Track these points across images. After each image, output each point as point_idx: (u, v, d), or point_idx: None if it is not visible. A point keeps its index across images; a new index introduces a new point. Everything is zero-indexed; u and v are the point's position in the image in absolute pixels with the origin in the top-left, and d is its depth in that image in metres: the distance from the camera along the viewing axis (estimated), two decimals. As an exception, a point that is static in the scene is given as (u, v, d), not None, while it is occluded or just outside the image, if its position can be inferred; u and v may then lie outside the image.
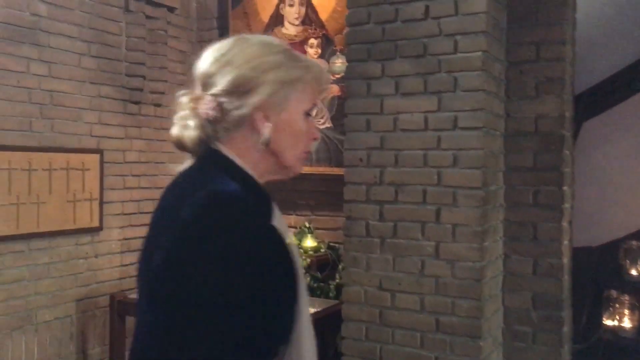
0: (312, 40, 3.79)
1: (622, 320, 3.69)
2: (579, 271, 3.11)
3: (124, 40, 3.93)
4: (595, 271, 3.77)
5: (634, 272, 3.77)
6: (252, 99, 1.14)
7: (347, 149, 2.94)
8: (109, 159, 3.86)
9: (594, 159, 3.87)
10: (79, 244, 3.68)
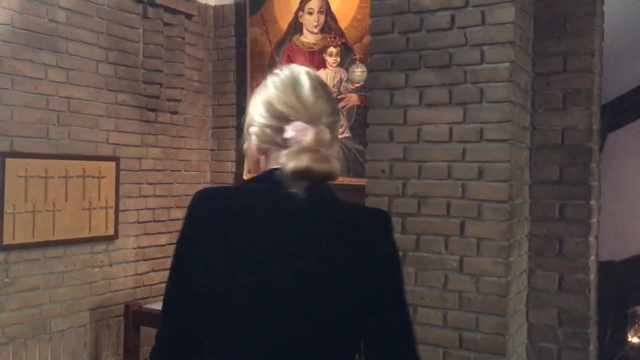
0: (332, 49, 3.73)
1: (647, 338, 3.62)
2: (601, 286, 3.04)
3: (141, 47, 3.90)
4: (619, 286, 3.69)
5: (658, 288, 3.70)
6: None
7: (369, 160, 2.89)
8: (125, 166, 3.82)
9: (617, 171, 3.80)
10: (94, 252, 3.64)
